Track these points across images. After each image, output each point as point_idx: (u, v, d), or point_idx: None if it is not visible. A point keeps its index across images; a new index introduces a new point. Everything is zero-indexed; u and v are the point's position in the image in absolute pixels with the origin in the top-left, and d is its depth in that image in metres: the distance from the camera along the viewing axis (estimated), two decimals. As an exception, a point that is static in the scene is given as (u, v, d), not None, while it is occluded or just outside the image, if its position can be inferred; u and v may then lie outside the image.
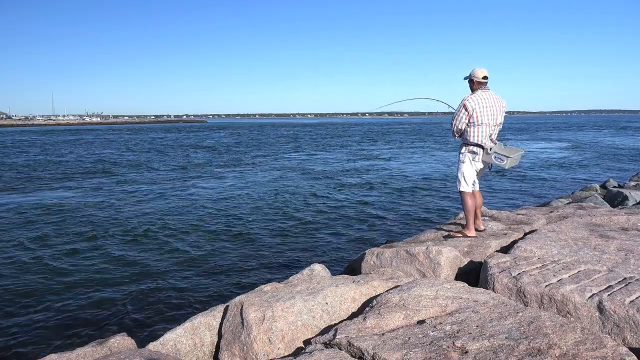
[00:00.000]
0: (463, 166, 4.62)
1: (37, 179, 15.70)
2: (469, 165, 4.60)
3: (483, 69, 4.47)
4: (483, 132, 4.45)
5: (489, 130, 4.48)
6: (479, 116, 4.40)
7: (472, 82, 4.52)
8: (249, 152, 27.23)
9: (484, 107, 4.40)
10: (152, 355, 2.61)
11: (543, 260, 3.47)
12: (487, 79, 4.46)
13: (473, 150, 4.53)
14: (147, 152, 28.10)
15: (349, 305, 3.20)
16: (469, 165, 4.60)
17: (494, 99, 4.47)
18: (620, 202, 8.01)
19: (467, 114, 4.43)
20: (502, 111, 4.53)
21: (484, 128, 4.44)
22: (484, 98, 4.41)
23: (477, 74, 4.46)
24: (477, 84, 4.47)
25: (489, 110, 4.42)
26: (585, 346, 2.17)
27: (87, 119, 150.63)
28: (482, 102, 4.40)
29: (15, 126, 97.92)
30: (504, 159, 4.42)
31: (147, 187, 13.71)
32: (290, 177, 15.97)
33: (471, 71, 4.53)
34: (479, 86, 4.47)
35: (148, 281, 5.87)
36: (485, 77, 4.45)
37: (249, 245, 7.44)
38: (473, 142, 4.50)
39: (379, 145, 32.60)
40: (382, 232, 8.23)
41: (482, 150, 4.49)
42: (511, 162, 4.47)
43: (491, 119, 4.45)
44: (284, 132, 61.45)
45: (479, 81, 4.46)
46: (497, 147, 4.52)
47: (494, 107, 4.46)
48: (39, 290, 5.60)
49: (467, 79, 4.58)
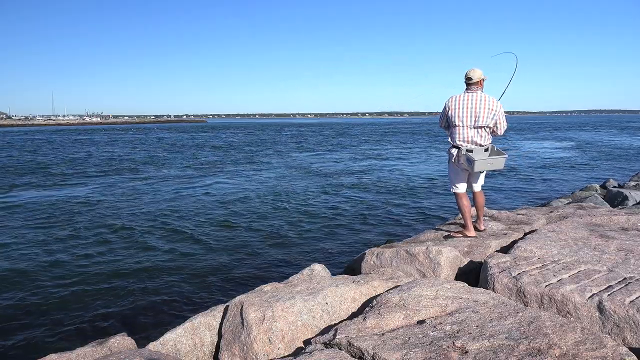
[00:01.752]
0: (449, 166, 4.75)
1: (49, 177, 15.71)
2: (451, 166, 4.69)
3: (473, 70, 4.42)
4: (458, 133, 4.47)
5: (466, 132, 4.44)
6: (452, 117, 4.46)
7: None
8: (251, 152, 27.23)
9: (459, 109, 4.41)
10: (152, 355, 2.61)
11: (543, 260, 3.47)
12: (471, 80, 4.41)
13: (451, 151, 4.62)
14: (152, 151, 28.11)
15: (349, 305, 3.20)
16: (451, 166, 4.69)
17: (476, 101, 4.38)
18: (620, 202, 8.01)
19: (445, 114, 4.55)
20: (488, 113, 4.37)
21: (458, 130, 4.46)
22: (463, 99, 4.42)
23: (465, 75, 4.48)
24: (465, 85, 4.51)
25: (464, 112, 4.39)
26: (585, 346, 2.17)
27: (87, 119, 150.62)
28: (459, 104, 4.42)
29: (15, 126, 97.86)
30: (471, 162, 4.40)
31: (147, 187, 13.71)
32: (290, 177, 15.97)
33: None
34: (466, 87, 4.50)
35: (148, 281, 5.87)
36: (469, 79, 4.42)
37: (249, 245, 7.44)
38: (452, 143, 4.59)
39: (379, 145, 32.59)
40: (382, 232, 8.23)
41: (457, 150, 4.52)
42: (480, 165, 4.39)
43: (468, 120, 4.40)
44: (286, 132, 61.46)
45: (464, 82, 4.49)
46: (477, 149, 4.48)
47: (473, 109, 4.37)
48: (38, 289, 5.60)
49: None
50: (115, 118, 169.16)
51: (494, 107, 4.40)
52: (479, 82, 4.44)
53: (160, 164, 20.86)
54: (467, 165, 4.44)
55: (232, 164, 20.37)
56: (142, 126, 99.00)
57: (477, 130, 4.44)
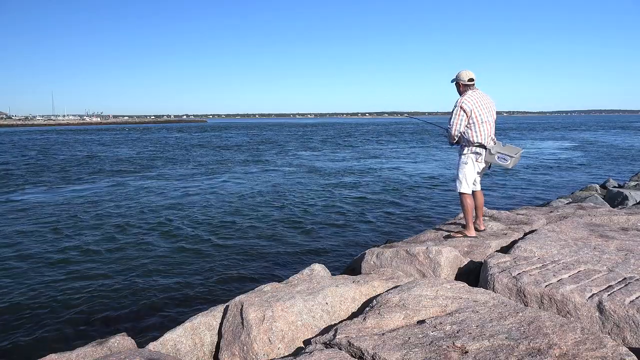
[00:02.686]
0: (465, 167, 4.56)
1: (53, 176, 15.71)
2: (472, 167, 4.55)
3: (468, 71, 4.45)
4: (485, 131, 4.43)
5: (490, 128, 4.47)
6: (478, 115, 4.37)
7: (459, 85, 4.52)
8: (252, 153, 27.23)
9: (481, 106, 4.40)
10: (152, 355, 2.61)
11: (543, 260, 3.47)
12: (473, 81, 4.44)
13: (476, 151, 4.48)
14: (156, 152, 28.11)
15: (349, 305, 3.20)
16: (471, 167, 4.55)
17: (486, 98, 4.49)
18: (620, 202, 8.01)
19: (466, 115, 4.39)
20: (494, 108, 4.55)
21: (485, 126, 4.42)
22: (478, 97, 4.42)
23: (463, 77, 4.45)
24: (464, 87, 4.47)
25: (485, 109, 4.42)
26: (585, 346, 2.17)
27: (87, 118, 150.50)
28: (477, 102, 4.39)
29: (15, 126, 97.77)
30: (507, 159, 4.37)
31: (147, 188, 13.71)
32: (290, 176, 15.97)
33: (457, 74, 4.52)
34: (465, 89, 4.47)
35: (148, 281, 5.87)
36: (471, 80, 4.43)
37: (249, 245, 7.44)
38: (476, 143, 4.46)
39: (379, 145, 32.59)
40: (382, 232, 8.23)
41: (485, 150, 4.47)
42: (514, 162, 4.44)
43: (489, 116, 4.45)
44: (287, 132, 61.45)
45: (465, 84, 4.45)
46: (497, 146, 4.50)
47: (489, 105, 4.47)
48: (39, 290, 5.60)
49: (454, 81, 4.58)
50: (115, 118, 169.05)
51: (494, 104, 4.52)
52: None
53: (160, 165, 20.87)
54: (502, 163, 4.39)
55: (232, 165, 20.37)
56: (142, 126, 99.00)
57: (493, 126, 4.49)
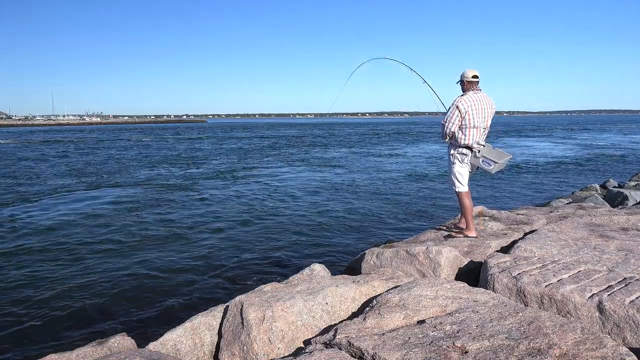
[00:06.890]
0: (455, 167, 4.58)
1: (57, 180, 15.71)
2: (460, 165, 4.57)
3: (472, 69, 4.44)
4: (474, 135, 4.41)
5: (479, 133, 4.44)
6: (471, 119, 4.35)
7: (463, 83, 4.50)
8: (254, 152, 27.22)
9: (477, 110, 4.36)
10: (152, 355, 2.61)
11: (543, 260, 3.47)
12: (477, 78, 4.42)
13: (462, 152, 4.50)
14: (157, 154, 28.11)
15: (349, 305, 3.20)
16: (459, 165, 4.57)
17: (486, 101, 4.43)
18: (620, 202, 8.02)
19: (460, 116, 4.37)
20: (492, 113, 4.50)
21: (475, 131, 4.40)
22: (477, 100, 4.37)
23: (467, 74, 4.44)
24: (468, 84, 4.44)
25: (480, 113, 4.38)
26: (585, 346, 2.17)
27: (87, 118, 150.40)
28: (474, 104, 4.35)
29: (15, 126, 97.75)
30: (491, 164, 4.34)
31: (147, 189, 13.71)
32: (290, 176, 15.97)
33: (462, 73, 4.52)
34: (470, 86, 4.44)
35: (148, 281, 5.87)
36: (475, 76, 4.41)
37: (249, 245, 7.43)
38: (463, 144, 4.47)
39: (379, 145, 32.59)
40: (382, 232, 8.22)
41: (470, 152, 4.47)
42: (498, 168, 4.40)
43: (482, 122, 4.41)
44: (288, 131, 61.45)
45: (469, 81, 4.42)
46: (485, 150, 4.46)
47: (486, 110, 4.41)
48: (39, 289, 5.60)
49: (459, 82, 4.57)
50: (115, 118, 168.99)
51: (495, 107, 4.46)
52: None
53: (160, 166, 20.85)
54: (485, 167, 4.38)
55: (233, 165, 20.36)
56: (141, 126, 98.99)
57: (483, 131, 4.46)
